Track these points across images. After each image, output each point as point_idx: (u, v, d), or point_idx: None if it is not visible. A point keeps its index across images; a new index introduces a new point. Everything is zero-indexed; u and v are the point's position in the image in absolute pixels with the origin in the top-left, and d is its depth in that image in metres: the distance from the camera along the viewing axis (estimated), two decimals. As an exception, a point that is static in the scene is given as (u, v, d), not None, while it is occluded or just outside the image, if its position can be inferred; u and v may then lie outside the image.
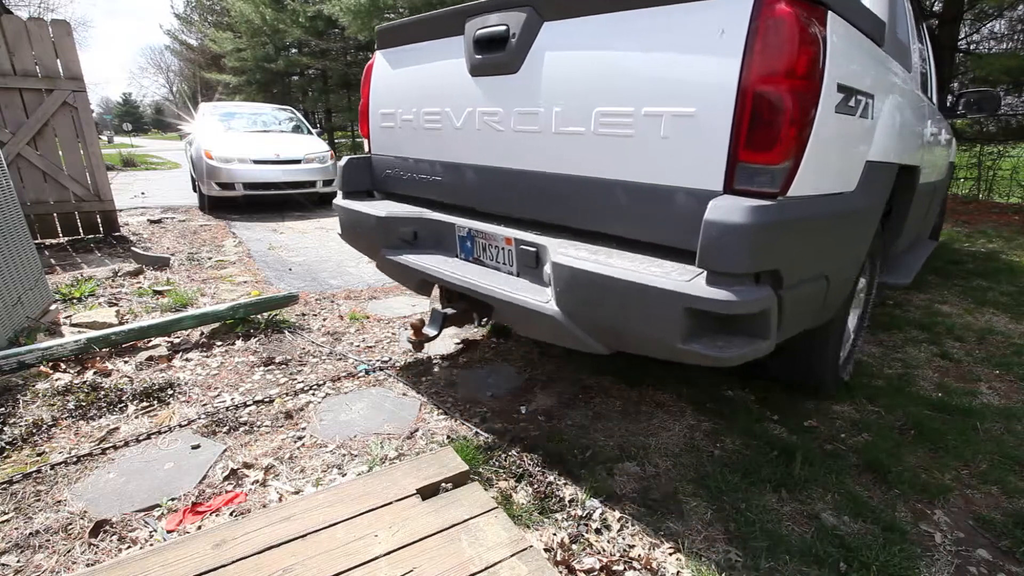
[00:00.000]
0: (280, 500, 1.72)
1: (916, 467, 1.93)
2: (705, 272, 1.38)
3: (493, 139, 2.01)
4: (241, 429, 2.12)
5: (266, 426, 2.14)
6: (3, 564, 1.49)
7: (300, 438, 2.07)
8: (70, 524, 1.63)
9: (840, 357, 2.30)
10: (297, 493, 1.75)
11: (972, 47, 9.81)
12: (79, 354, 2.67)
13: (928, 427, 2.15)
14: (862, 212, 1.79)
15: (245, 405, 2.28)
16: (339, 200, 2.65)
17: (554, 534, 1.59)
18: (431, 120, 2.27)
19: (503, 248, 2.02)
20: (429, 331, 2.27)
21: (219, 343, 2.92)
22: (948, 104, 4.13)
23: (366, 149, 2.74)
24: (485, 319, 2.44)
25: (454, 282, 2.04)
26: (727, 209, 1.32)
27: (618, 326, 1.54)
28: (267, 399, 2.34)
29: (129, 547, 1.56)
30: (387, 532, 1.46)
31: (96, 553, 1.54)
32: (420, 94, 2.33)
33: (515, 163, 1.96)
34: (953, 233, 6.37)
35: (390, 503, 1.56)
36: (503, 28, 1.84)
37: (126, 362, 2.68)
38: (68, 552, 1.54)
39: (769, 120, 1.31)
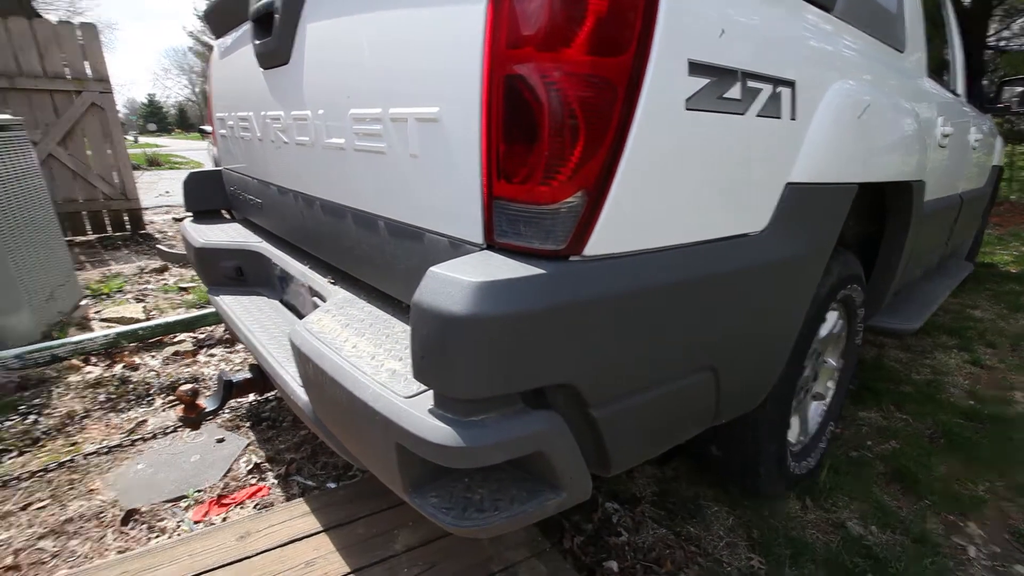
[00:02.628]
0: (303, 495, 1.74)
1: (947, 477, 1.88)
2: None
3: (283, 153, 1.56)
4: (264, 424, 2.15)
5: (288, 422, 2.17)
6: (40, 548, 1.54)
7: (322, 434, 2.10)
8: (102, 512, 1.67)
9: (790, 449, 1.65)
10: (318, 489, 1.77)
11: (1003, 44, 9.56)
12: (108, 348, 2.74)
13: (959, 436, 2.09)
14: (784, 261, 1.16)
15: (268, 401, 2.32)
16: (184, 223, 2.23)
17: (573, 537, 1.58)
18: (244, 127, 1.84)
19: (305, 295, 1.55)
20: (207, 404, 1.79)
21: (238, 340, 2.97)
22: (988, 96, 3.45)
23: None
24: (270, 392, 1.96)
25: (239, 335, 1.57)
26: (443, 284, 0.76)
27: (351, 443, 1.06)
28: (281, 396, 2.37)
29: (158, 536, 1.59)
30: (407, 529, 1.46)
31: (127, 541, 1.57)
32: (234, 94, 1.90)
33: (301, 185, 1.51)
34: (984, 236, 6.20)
35: (411, 500, 1.57)
36: (268, 1, 1.39)
37: (153, 356, 2.74)
38: (101, 539, 1.58)
39: (529, 125, 0.78)
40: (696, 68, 0.86)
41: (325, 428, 1.13)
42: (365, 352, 1.01)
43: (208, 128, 9.85)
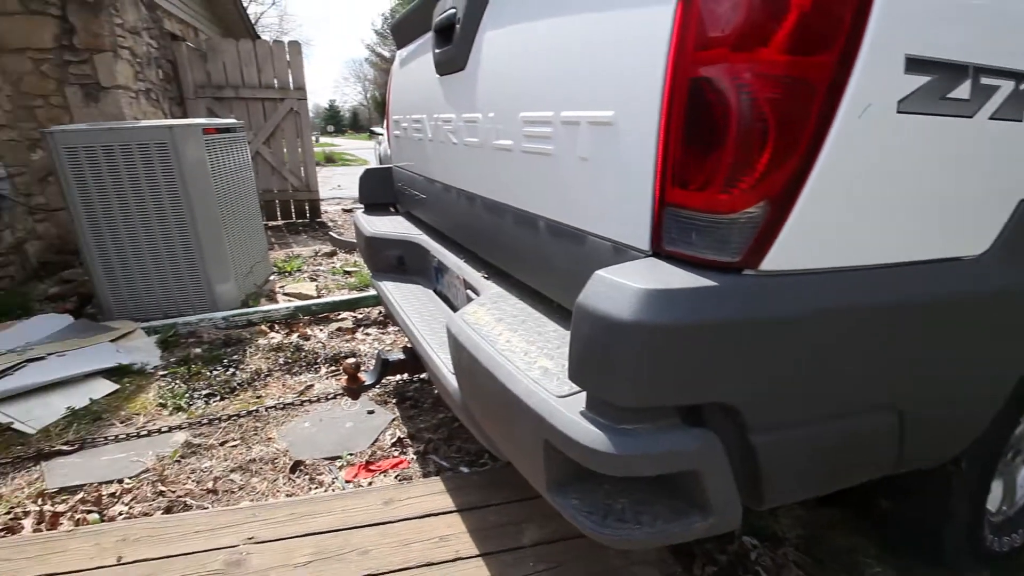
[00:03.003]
0: (437, 473, 1.86)
1: None
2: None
3: (450, 153, 1.66)
4: (408, 403, 2.34)
5: (428, 403, 2.34)
6: (231, 479, 1.84)
7: (458, 420, 2.22)
8: (276, 459, 1.95)
9: (988, 518, 1.38)
10: (452, 470, 1.88)
11: None
12: (288, 319, 3.19)
13: None
14: (1006, 293, 0.97)
15: (412, 381, 2.51)
16: (356, 213, 2.50)
17: (704, 566, 1.49)
18: (416, 129, 1.98)
19: (459, 288, 1.63)
20: (367, 378, 1.98)
21: (393, 323, 3.26)
22: None
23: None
24: (422, 374, 2.09)
25: (397, 319, 1.73)
26: (610, 289, 0.75)
27: (497, 434, 1.11)
28: (430, 379, 2.55)
29: (317, 488, 1.81)
30: (535, 524, 1.49)
31: (293, 487, 1.82)
32: (410, 99, 2.06)
33: (466, 183, 1.58)
34: None
35: (542, 496, 1.60)
36: (452, 12, 1.48)
37: (321, 330, 3.12)
38: (274, 481, 1.84)
39: (713, 131, 0.74)
40: (915, 64, 0.73)
41: (471, 415, 1.20)
42: (518, 348, 1.04)
43: (377, 129, 10.94)
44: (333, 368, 2.65)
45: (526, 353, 1.02)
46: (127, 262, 3.04)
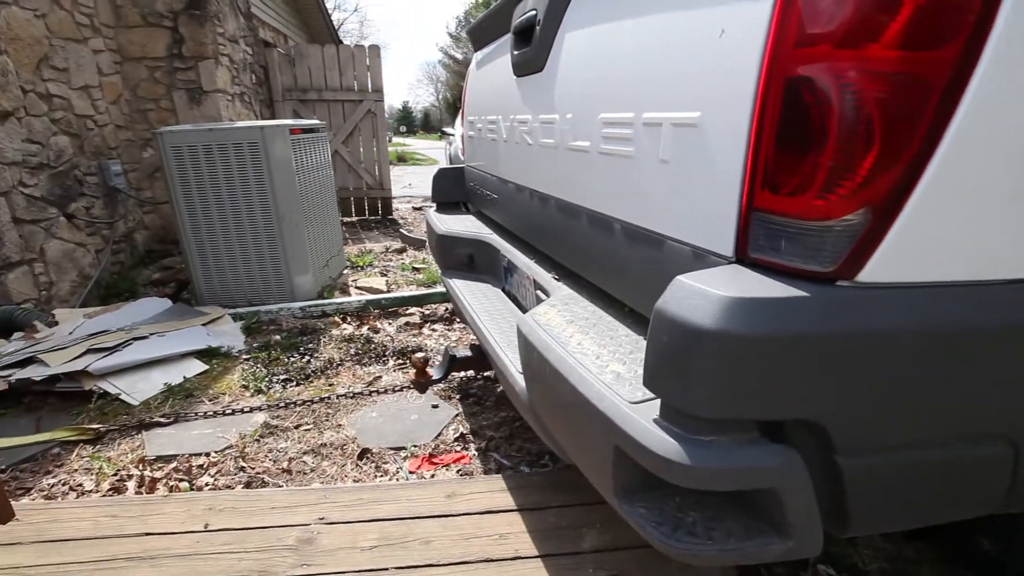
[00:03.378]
0: (498, 471, 1.88)
1: None
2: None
3: (525, 154, 1.67)
4: (471, 399, 2.38)
5: (491, 401, 2.36)
6: (304, 461, 1.95)
7: (519, 420, 2.23)
8: (345, 445, 2.04)
9: None
10: (512, 469, 1.89)
11: None
12: (359, 312, 3.33)
13: None
14: None
15: (476, 379, 2.55)
16: (428, 211, 2.56)
17: (774, 590, 1.41)
18: (491, 129, 2.01)
19: (529, 288, 1.65)
20: (434, 373, 2.05)
21: (459, 320, 3.32)
22: None
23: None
24: (487, 372, 2.12)
25: (465, 316, 1.79)
26: (692, 296, 0.72)
27: (564, 437, 1.10)
28: (494, 377, 2.58)
29: (381, 476, 1.88)
30: (595, 530, 1.47)
31: (360, 473, 1.89)
32: (485, 100, 2.10)
33: (540, 184, 1.59)
34: None
35: (604, 502, 1.58)
36: (532, 13, 1.48)
37: (389, 324, 3.24)
38: (343, 466, 1.93)
39: (811, 132, 0.70)
40: None
41: (537, 416, 1.20)
42: (590, 351, 1.03)
43: (448, 130, 11.20)
44: (400, 361, 2.74)
45: (598, 356, 1.01)
46: (219, 252, 3.29)
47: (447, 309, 3.45)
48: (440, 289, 3.49)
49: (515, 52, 1.63)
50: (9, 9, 2.98)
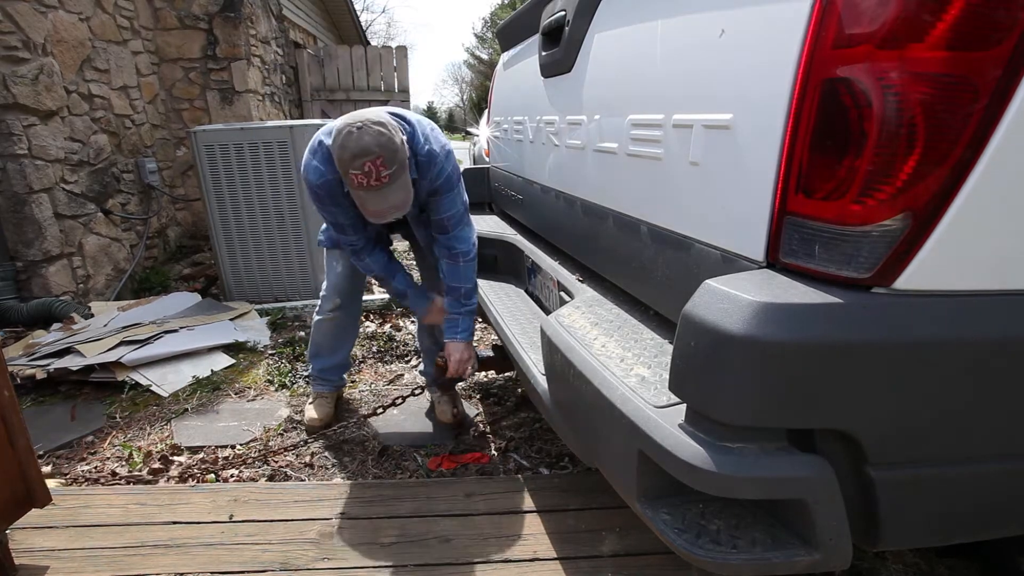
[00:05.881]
0: (517, 472, 1.88)
1: None
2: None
3: (551, 155, 1.67)
4: (491, 399, 2.38)
5: (511, 402, 2.36)
6: (326, 456, 1.97)
7: (539, 421, 2.23)
8: (366, 442, 2.06)
9: None
10: (531, 470, 1.89)
11: None
12: (381, 310, 3.36)
13: None
14: None
15: (496, 379, 2.56)
16: None
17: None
18: (517, 131, 2.02)
19: (552, 289, 1.65)
20: None
21: (481, 320, 3.33)
22: None
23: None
24: (508, 372, 2.10)
25: (488, 316, 1.77)
26: (721, 300, 0.72)
27: (586, 440, 1.09)
28: (516, 378, 2.58)
29: (401, 474, 1.89)
30: (614, 535, 1.46)
31: (380, 470, 1.91)
32: (512, 101, 2.10)
33: (566, 186, 1.59)
34: None
35: (623, 506, 1.57)
36: (561, 14, 1.47)
37: (411, 322, 3.26)
38: (363, 463, 1.94)
39: (849, 135, 0.68)
40: None
41: (559, 417, 1.19)
42: (614, 354, 1.02)
43: (472, 130, 11.27)
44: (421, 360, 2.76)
45: (622, 360, 1.00)
46: (247, 248, 3.36)
47: (469, 309, 3.46)
48: (462, 289, 3.50)
49: (543, 53, 1.64)
50: (56, 13, 3.10)
